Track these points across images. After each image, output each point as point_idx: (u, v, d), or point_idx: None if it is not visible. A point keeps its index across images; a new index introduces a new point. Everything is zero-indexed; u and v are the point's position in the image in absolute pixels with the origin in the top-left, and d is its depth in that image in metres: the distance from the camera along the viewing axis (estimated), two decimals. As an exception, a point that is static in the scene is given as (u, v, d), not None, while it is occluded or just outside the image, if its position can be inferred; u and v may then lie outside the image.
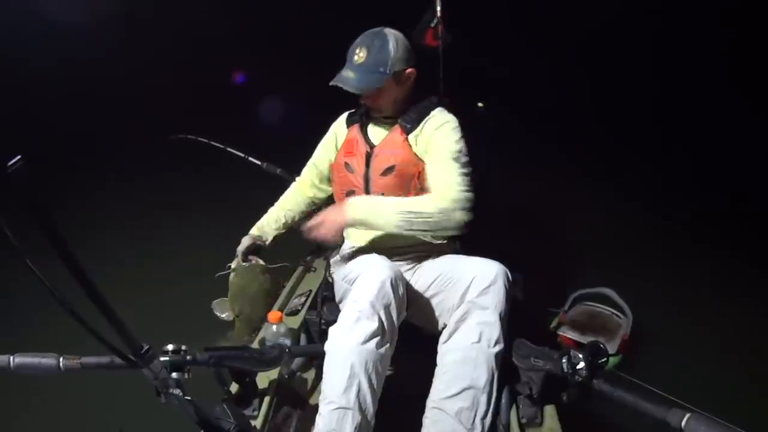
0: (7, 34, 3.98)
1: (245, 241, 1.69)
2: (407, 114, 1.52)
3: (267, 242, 1.73)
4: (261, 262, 1.67)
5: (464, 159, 1.45)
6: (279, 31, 5.14)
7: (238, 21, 5.25)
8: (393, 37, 1.46)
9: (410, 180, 1.49)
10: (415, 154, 1.49)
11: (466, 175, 1.42)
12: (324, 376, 1.22)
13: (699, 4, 4.57)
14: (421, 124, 1.50)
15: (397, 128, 1.52)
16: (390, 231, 1.40)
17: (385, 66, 1.44)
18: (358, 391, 1.16)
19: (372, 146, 1.54)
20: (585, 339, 1.98)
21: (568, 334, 2.05)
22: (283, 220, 1.76)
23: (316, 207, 1.81)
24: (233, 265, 1.64)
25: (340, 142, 1.65)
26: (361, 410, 1.16)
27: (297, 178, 1.85)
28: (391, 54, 1.44)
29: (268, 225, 1.75)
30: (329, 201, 1.79)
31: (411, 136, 1.50)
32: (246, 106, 4.35)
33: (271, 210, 1.80)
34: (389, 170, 1.48)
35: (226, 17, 5.27)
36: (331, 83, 1.45)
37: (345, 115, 1.69)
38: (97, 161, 3.86)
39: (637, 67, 4.89)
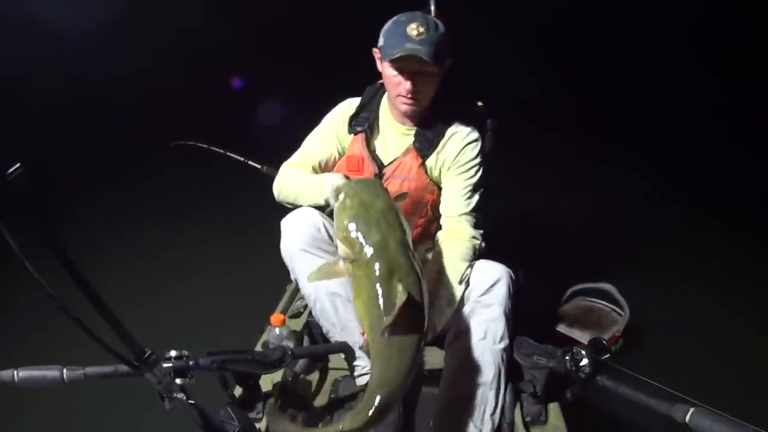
0: (8, 36, 4.00)
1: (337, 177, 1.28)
2: (422, 132, 1.38)
3: None
4: None
5: (481, 187, 1.39)
6: (277, 34, 5.14)
7: (238, 24, 5.26)
8: (440, 21, 1.31)
9: (423, 206, 1.44)
10: (431, 181, 1.41)
11: (479, 205, 1.38)
12: None
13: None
14: (441, 144, 1.38)
15: (412, 150, 1.39)
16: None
17: (444, 46, 1.28)
18: None
19: (381, 166, 1.43)
20: (573, 333, 1.95)
21: (557, 327, 2.01)
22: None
23: None
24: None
25: (342, 147, 1.49)
26: None
27: (288, 162, 1.55)
28: (446, 36, 1.29)
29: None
30: None
31: (428, 162, 1.39)
32: (245, 111, 4.34)
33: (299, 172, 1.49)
34: (401, 197, 1.33)
35: (226, 21, 5.28)
36: (397, 54, 1.23)
37: (346, 115, 1.47)
38: (99, 167, 3.86)
39: (637, 60, 4.87)
